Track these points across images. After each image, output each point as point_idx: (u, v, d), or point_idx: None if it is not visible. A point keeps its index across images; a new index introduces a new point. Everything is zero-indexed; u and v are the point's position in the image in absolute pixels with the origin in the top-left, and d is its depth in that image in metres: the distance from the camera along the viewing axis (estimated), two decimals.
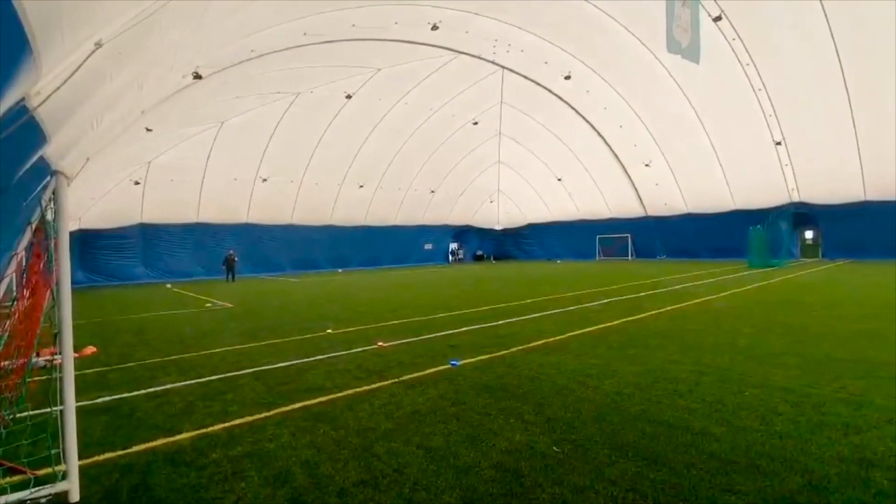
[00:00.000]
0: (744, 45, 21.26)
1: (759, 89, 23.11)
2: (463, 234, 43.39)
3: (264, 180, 28.31)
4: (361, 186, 32.76)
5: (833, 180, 25.15)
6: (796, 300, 11.17)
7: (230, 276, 24.64)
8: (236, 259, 25.21)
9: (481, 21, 21.47)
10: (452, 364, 6.07)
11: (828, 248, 27.43)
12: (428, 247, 40.39)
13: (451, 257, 42.62)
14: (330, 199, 32.25)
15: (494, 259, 43.70)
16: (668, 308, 10.44)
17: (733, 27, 20.43)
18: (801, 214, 27.43)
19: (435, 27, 20.81)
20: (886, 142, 22.10)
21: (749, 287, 14.26)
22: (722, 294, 12.66)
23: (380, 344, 7.45)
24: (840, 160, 23.97)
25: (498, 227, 45.20)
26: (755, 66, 22.12)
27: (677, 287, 14.90)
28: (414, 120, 29.62)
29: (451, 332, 8.39)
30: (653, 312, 9.89)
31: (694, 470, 3.15)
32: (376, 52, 22.65)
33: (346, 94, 24.97)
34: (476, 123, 31.89)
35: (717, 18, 19.71)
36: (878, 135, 22.11)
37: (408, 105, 27.90)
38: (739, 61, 22.01)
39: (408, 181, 35.06)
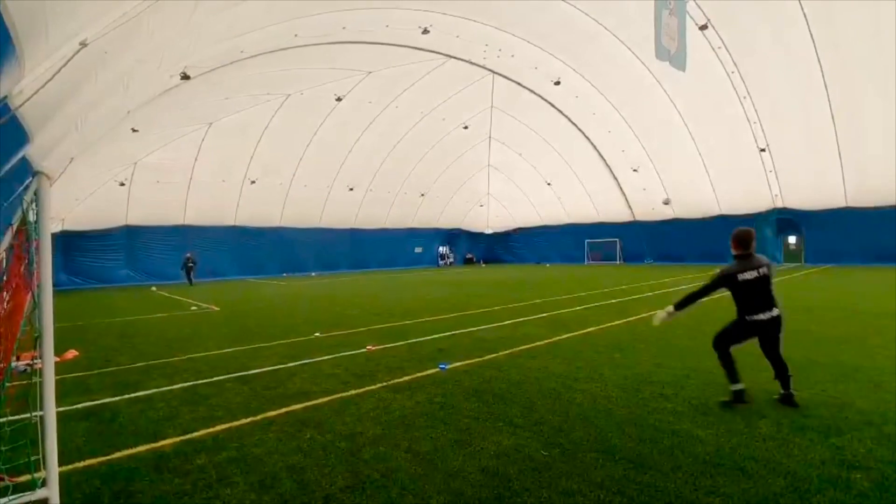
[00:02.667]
0: (729, 54, 21.63)
1: (745, 97, 23.52)
2: (453, 237, 43.41)
3: (253, 182, 28.06)
4: (351, 189, 32.62)
5: (815, 187, 25.64)
6: None
7: (189, 279, 23.99)
8: (195, 262, 24.52)
9: (472, 26, 21.56)
10: (441, 368, 6.07)
11: (810, 253, 27.94)
12: (418, 250, 40.31)
13: (440, 261, 42.60)
14: (319, 201, 32.05)
15: (484, 262, 43.77)
16: (654, 312, 10.53)
17: (719, 36, 20.77)
18: (785, 220, 27.89)
19: (426, 31, 20.85)
20: (866, 150, 22.62)
21: None
22: (707, 298, 12.80)
23: (369, 348, 7.42)
24: (822, 167, 24.45)
25: (488, 231, 45.30)
26: (740, 74, 22.52)
27: (664, 291, 15.07)
28: (404, 123, 29.60)
29: (440, 335, 8.38)
30: (639, 316, 9.98)
31: (679, 472, 3.19)
32: (367, 55, 22.62)
33: (336, 97, 24.88)
34: (466, 128, 31.98)
35: (703, 27, 20.03)
36: (858, 142, 22.61)
37: (398, 108, 27.89)
38: (725, 69, 22.38)
39: (398, 184, 35.00)
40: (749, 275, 4.25)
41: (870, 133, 21.96)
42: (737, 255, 4.42)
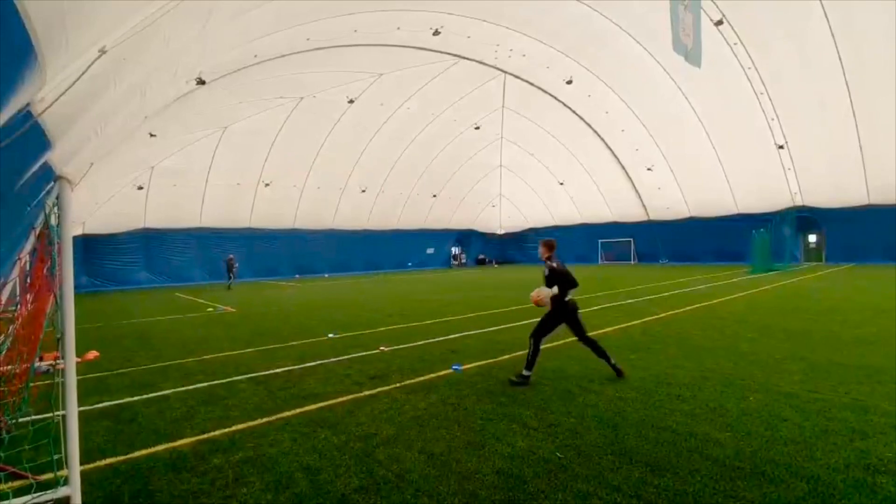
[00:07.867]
0: (745, 50, 21.26)
1: (761, 93, 23.10)
2: (465, 238, 43.37)
3: (267, 185, 28.39)
4: (363, 191, 32.82)
5: (836, 184, 25.04)
6: (798, 305, 11.11)
7: (229, 279, 23.73)
8: (236, 264, 24.45)
9: (483, 26, 21.55)
10: (455, 369, 6.06)
11: (831, 252, 27.30)
12: (430, 251, 40.36)
13: (453, 261, 42.59)
14: (332, 203, 32.31)
15: (497, 263, 43.65)
16: (670, 313, 10.40)
17: (735, 31, 20.43)
18: (805, 218, 27.30)
19: (437, 32, 20.90)
20: (889, 145, 22.02)
21: (751, 292, 14.20)
22: (724, 299, 12.61)
23: (382, 348, 7.45)
24: (843, 164, 23.87)
25: (500, 231, 45.18)
26: (757, 70, 22.11)
27: (679, 291, 14.85)
28: (416, 124, 29.70)
29: (453, 336, 8.38)
30: (655, 317, 9.85)
31: (698, 476, 3.13)
32: (378, 58, 22.76)
33: (348, 99, 25.06)
34: (478, 128, 31.96)
35: (719, 23, 19.72)
36: (880, 138, 22.03)
37: (410, 110, 27.99)
38: (741, 65, 22.00)
39: (410, 185, 35.12)
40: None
41: (891, 128, 21.35)
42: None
